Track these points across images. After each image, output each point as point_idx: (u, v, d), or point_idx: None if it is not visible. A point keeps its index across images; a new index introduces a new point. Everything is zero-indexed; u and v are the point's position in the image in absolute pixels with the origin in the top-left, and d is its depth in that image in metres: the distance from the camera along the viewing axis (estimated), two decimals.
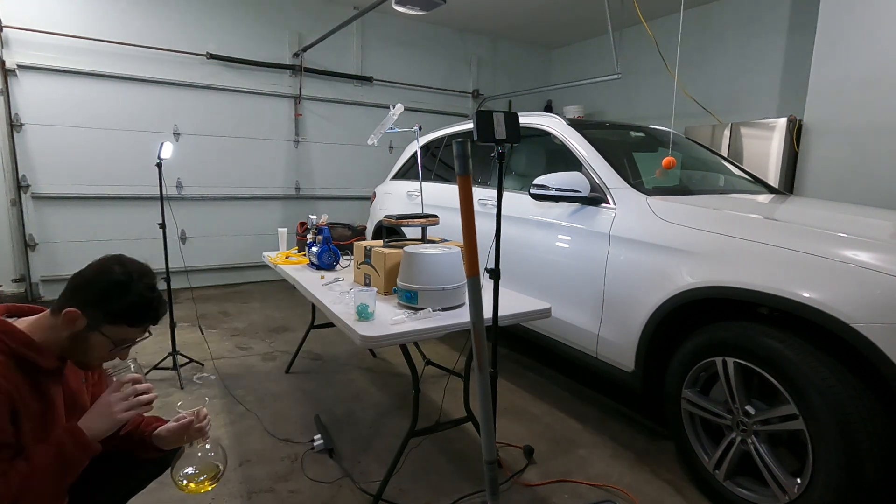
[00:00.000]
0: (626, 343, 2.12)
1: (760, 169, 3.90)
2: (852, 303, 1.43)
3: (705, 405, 1.84)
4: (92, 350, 1.14)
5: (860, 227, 1.73)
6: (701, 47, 5.18)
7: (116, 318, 1.13)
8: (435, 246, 1.84)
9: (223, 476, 1.33)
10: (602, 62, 6.22)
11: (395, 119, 1.90)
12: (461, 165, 1.26)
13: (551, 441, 2.29)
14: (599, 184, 2.34)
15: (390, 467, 1.87)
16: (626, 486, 1.96)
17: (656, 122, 3.83)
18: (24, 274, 4.33)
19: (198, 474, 1.30)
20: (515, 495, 1.90)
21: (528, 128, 2.86)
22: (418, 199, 3.71)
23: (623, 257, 2.13)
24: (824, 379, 1.47)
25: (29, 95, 4.18)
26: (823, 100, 3.62)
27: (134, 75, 4.54)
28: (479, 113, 1.66)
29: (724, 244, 1.79)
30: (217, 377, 2.90)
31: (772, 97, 4.68)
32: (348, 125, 5.72)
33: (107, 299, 1.12)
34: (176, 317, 3.04)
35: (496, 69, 6.75)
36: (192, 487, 1.29)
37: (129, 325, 1.15)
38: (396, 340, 1.59)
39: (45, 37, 4.18)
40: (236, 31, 4.98)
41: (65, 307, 1.09)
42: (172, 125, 4.80)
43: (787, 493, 1.58)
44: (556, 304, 2.43)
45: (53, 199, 4.38)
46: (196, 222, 4.99)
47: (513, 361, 3.23)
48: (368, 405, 2.60)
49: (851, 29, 3.44)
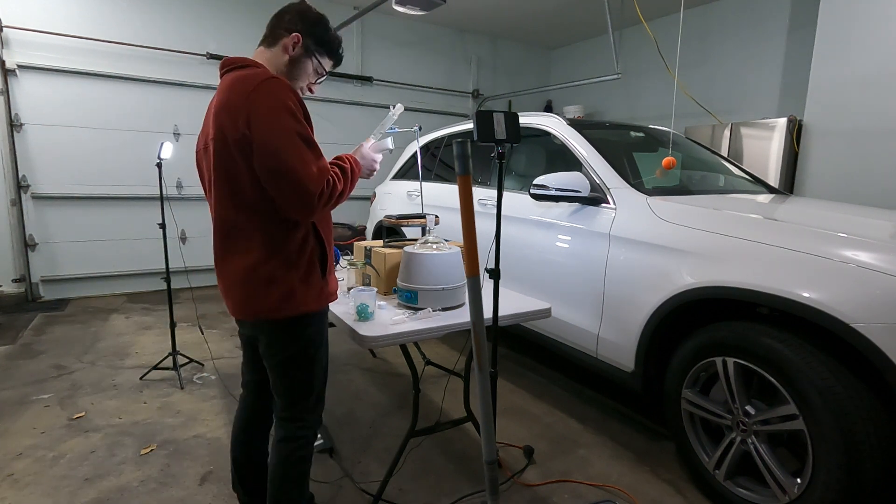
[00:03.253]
0: (626, 343, 2.12)
1: (760, 169, 3.90)
2: (852, 303, 1.43)
3: (705, 405, 1.84)
4: (303, 75, 1.41)
5: (860, 227, 1.73)
6: (701, 47, 5.18)
7: (323, 46, 1.41)
8: (435, 246, 1.83)
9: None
10: (602, 62, 6.22)
11: (395, 119, 1.90)
12: (461, 165, 1.26)
13: (551, 441, 2.29)
14: (599, 184, 2.34)
15: (390, 467, 1.87)
16: (626, 486, 1.96)
17: (656, 122, 3.84)
18: (24, 274, 4.33)
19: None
20: (515, 495, 1.90)
21: (528, 128, 2.86)
22: (418, 199, 3.71)
23: (623, 257, 2.13)
24: (824, 379, 1.47)
25: (29, 95, 4.18)
26: (823, 100, 3.62)
27: (134, 75, 4.54)
28: (479, 113, 1.66)
29: (724, 244, 1.79)
30: (217, 377, 2.90)
31: (772, 97, 4.68)
32: (348, 125, 5.71)
33: (322, 30, 1.40)
34: (176, 317, 3.05)
35: (496, 69, 6.75)
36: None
37: (329, 56, 1.44)
38: (396, 340, 1.59)
39: (45, 37, 4.18)
40: (236, 31, 4.97)
41: (282, 36, 1.36)
42: (172, 125, 4.80)
43: (787, 493, 1.58)
44: (557, 304, 2.42)
45: (53, 199, 4.38)
46: (196, 222, 4.99)
47: (513, 361, 3.23)
48: (368, 405, 2.60)
49: (851, 29, 3.44)
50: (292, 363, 1.38)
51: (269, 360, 1.40)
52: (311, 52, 1.39)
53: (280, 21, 1.38)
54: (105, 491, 1.88)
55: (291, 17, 1.38)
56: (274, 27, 1.39)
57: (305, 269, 1.33)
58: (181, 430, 2.31)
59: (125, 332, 3.65)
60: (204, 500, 1.84)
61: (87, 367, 3.02)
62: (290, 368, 1.39)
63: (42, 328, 3.71)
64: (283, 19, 1.38)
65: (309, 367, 1.40)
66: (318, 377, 1.44)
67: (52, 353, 3.23)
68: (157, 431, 2.30)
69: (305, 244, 1.32)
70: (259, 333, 1.39)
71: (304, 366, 1.40)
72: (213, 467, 2.03)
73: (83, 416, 2.43)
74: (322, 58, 1.43)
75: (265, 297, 1.30)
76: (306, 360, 1.40)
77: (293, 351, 1.37)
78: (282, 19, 1.38)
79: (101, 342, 3.44)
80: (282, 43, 1.37)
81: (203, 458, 2.09)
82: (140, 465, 2.04)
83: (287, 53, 1.37)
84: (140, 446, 2.18)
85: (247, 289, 1.31)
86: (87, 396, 2.63)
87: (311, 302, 1.35)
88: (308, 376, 1.41)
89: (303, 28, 1.37)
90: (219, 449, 2.16)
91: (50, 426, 2.33)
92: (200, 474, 1.99)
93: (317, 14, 1.41)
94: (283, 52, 1.37)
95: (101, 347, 3.34)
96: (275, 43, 1.38)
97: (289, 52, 1.37)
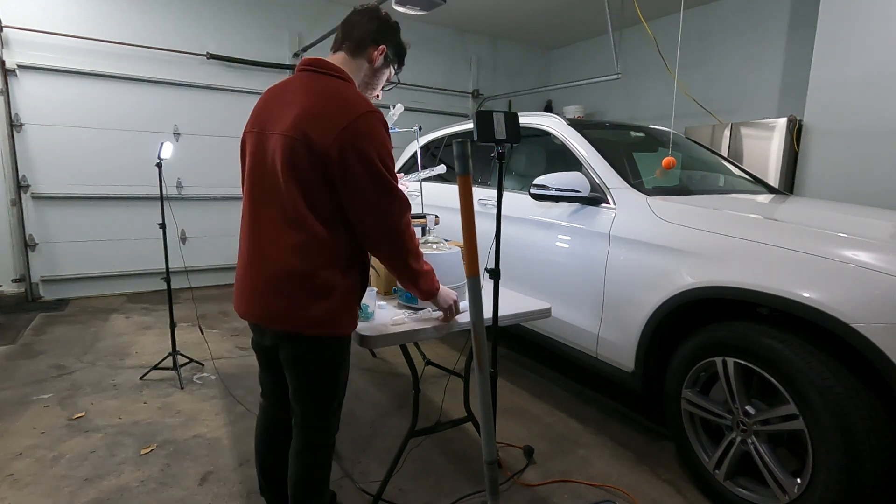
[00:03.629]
0: (626, 343, 2.12)
1: (760, 169, 3.90)
2: (852, 303, 1.43)
3: (705, 405, 1.84)
4: (381, 83, 1.47)
5: (860, 227, 1.73)
6: (701, 47, 5.18)
7: (400, 56, 1.47)
8: (435, 246, 1.83)
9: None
10: (602, 62, 6.21)
11: (395, 119, 1.90)
12: (461, 165, 1.26)
13: (551, 441, 2.29)
14: (599, 184, 2.34)
15: (390, 467, 1.87)
16: (626, 486, 1.96)
17: (656, 122, 3.83)
18: (24, 274, 4.33)
19: None
20: (515, 495, 1.90)
21: (528, 128, 2.86)
22: (418, 198, 3.70)
23: (623, 257, 2.13)
24: (824, 379, 1.47)
25: (29, 95, 4.18)
26: (823, 100, 3.62)
27: (134, 75, 4.54)
28: (479, 113, 1.66)
29: (724, 244, 1.79)
30: (217, 377, 2.90)
31: (772, 97, 4.68)
32: None
33: (399, 39, 1.45)
34: (176, 317, 3.04)
35: (496, 69, 6.75)
36: None
37: (399, 64, 1.50)
38: (396, 340, 1.59)
39: (45, 37, 4.18)
40: (236, 31, 4.97)
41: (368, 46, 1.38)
42: (172, 125, 4.80)
43: (787, 493, 1.58)
44: (557, 304, 2.42)
45: (53, 199, 4.38)
46: (196, 222, 4.99)
47: (513, 361, 3.23)
48: (368, 405, 2.60)
49: (851, 29, 3.44)
50: (320, 376, 1.37)
51: (296, 370, 1.37)
52: (390, 61, 1.45)
53: (363, 29, 1.37)
54: (105, 491, 1.88)
55: (378, 26, 1.39)
56: (357, 35, 1.37)
57: (350, 293, 1.34)
58: (181, 430, 2.31)
59: (125, 332, 3.65)
60: (204, 500, 1.84)
61: (87, 367, 3.02)
62: (319, 380, 1.38)
63: (42, 328, 3.71)
64: (367, 27, 1.37)
65: (334, 377, 1.40)
66: (341, 385, 1.43)
67: (52, 353, 3.23)
68: (157, 431, 2.30)
69: (353, 272, 1.33)
70: (288, 342, 1.34)
71: (331, 376, 1.39)
72: (213, 467, 2.03)
73: (83, 416, 2.43)
74: (396, 66, 1.48)
75: (310, 309, 1.27)
76: (334, 372, 1.39)
77: (321, 363, 1.36)
78: (366, 27, 1.37)
79: (101, 342, 3.44)
80: (367, 53, 1.38)
81: (203, 458, 2.09)
82: (140, 465, 2.04)
83: (373, 64, 1.40)
84: (140, 446, 2.18)
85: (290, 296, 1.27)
86: (87, 396, 2.63)
87: (350, 325, 1.36)
88: (332, 388, 1.40)
89: (387, 39, 1.41)
90: (219, 449, 2.16)
91: (50, 426, 2.33)
92: (200, 474, 1.99)
93: (395, 23, 1.45)
94: (367, 62, 1.39)
95: (101, 347, 3.34)
96: (360, 53, 1.38)
97: (373, 63, 1.40)
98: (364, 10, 1.41)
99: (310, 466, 1.42)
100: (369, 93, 1.46)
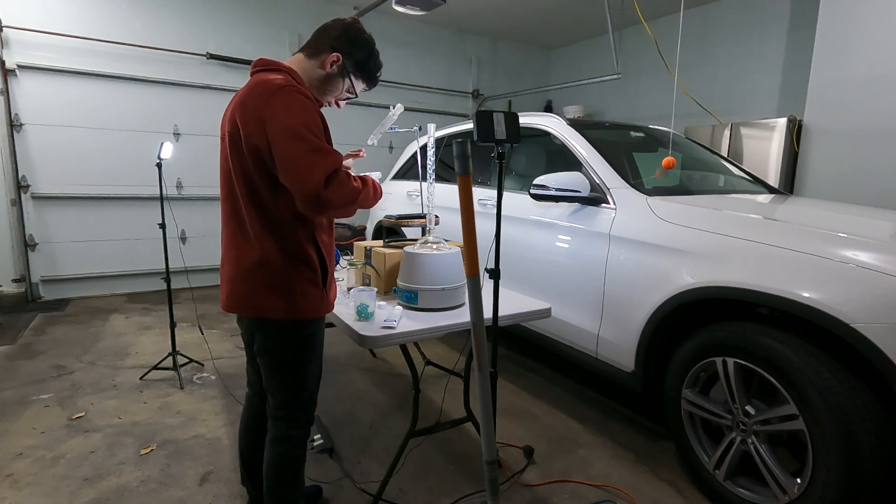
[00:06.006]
0: (626, 343, 2.12)
1: (760, 169, 3.90)
2: (852, 303, 1.43)
3: (705, 405, 1.84)
4: (333, 91, 1.44)
5: (860, 227, 1.73)
6: (701, 47, 5.18)
7: (361, 71, 1.44)
8: (435, 246, 1.83)
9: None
10: (602, 62, 6.22)
11: (395, 119, 1.90)
12: (461, 165, 1.26)
13: (551, 441, 2.29)
14: (599, 184, 2.34)
15: (390, 467, 1.87)
16: (626, 486, 1.96)
17: (656, 122, 3.84)
18: (24, 274, 4.33)
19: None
20: (515, 495, 1.90)
21: (528, 128, 2.86)
22: (418, 199, 3.71)
23: (623, 257, 2.13)
24: (824, 379, 1.47)
25: (29, 95, 4.18)
26: (823, 100, 3.62)
27: (134, 75, 4.54)
28: (479, 113, 1.66)
29: (724, 244, 1.79)
30: (217, 377, 2.90)
31: (772, 97, 4.68)
32: (348, 125, 5.71)
33: (364, 55, 1.43)
34: (176, 317, 3.05)
35: (496, 69, 6.75)
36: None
37: (365, 80, 1.48)
38: (396, 340, 1.59)
39: (45, 37, 4.18)
40: (236, 31, 4.98)
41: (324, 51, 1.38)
42: (172, 125, 4.80)
43: (787, 494, 1.58)
44: (557, 304, 2.43)
45: (53, 199, 4.38)
46: (196, 222, 4.99)
47: (513, 361, 3.23)
48: (368, 405, 2.60)
49: (851, 29, 3.44)
50: (285, 364, 1.40)
51: (263, 359, 1.42)
52: (347, 73, 1.42)
53: (326, 35, 1.40)
54: (105, 491, 1.88)
55: (339, 35, 1.40)
56: (319, 39, 1.41)
57: (309, 278, 1.36)
58: (181, 430, 2.31)
59: (125, 332, 3.65)
60: (204, 500, 1.84)
61: (87, 367, 3.02)
62: (283, 369, 1.41)
63: (42, 328, 3.71)
64: (329, 34, 1.40)
65: (302, 369, 1.42)
66: (310, 378, 1.45)
67: (52, 353, 3.23)
68: (157, 431, 2.30)
69: (309, 255, 1.35)
70: (255, 331, 1.40)
71: (297, 367, 1.41)
72: (213, 467, 2.03)
73: (83, 416, 2.43)
74: (357, 80, 1.46)
75: (268, 296, 1.32)
76: (300, 361, 1.41)
77: (287, 352, 1.39)
78: (328, 34, 1.40)
79: (101, 342, 3.44)
80: (322, 58, 1.39)
81: (203, 459, 2.09)
82: (140, 466, 2.04)
83: (324, 69, 1.40)
84: (140, 446, 2.18)
85: (250, 284, 1.33)
86: (87, 396, 2.63)
87: (309, 310, 1.37)
88: (301, 377, 1.43)
89: (346, 50, 1.40)
90: (219, 449, 2.16)
91: (50, 426, 2.33)
92: (200, 474, 1.99)
93: (364, 38, 1.43)
94: (320, 67, 1.40)
95: (101, 347, 3.34)
96: (316, 55, 1.40)
97: (326, 69, 1.40)
98: (341, 19, 1.43)
99: (281, 455, 1.45)
100: (322, 97, 1.45)
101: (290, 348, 1.39)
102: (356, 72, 1.44)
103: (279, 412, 1.45)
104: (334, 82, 1.42)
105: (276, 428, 1.46)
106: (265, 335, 1.38)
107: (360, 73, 1.45)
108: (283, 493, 1.46)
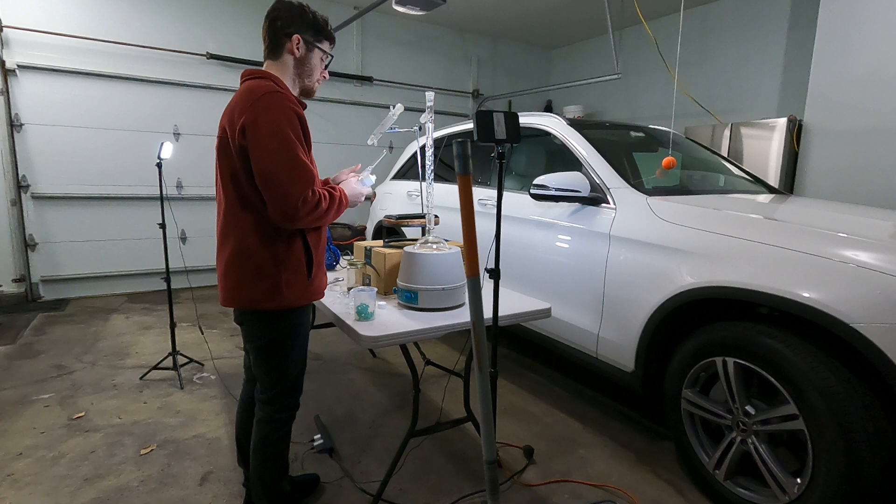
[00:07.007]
0: (626, 343, 2.12)
1: (760, 169, 3.90)
2: (852, 303, 1.43)
3: (705, 405, 1.84)
4: (315, 68, 1.50)
5: (860, 227, 1.73)
6: (701, 47, 5.18)
7: (319, 33, 1.48)
8: (435, 246, 1.83)
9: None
10: (602, 62, 6.22)
11: (395, 119, 1.90)
12: (461, 165, 1.26)
13: (551, 441, 2.29)
14: (599, 184, 2.34)
15: (390, 467, 1.87)
16: (626, 486, 1.96)
17: (656, 122, 3.84)
18: (24, 274, 4.33)
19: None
20: (515, 495, 1.90)
21: (528, 128, 2.85)
22: (418, 199, 3.71)
23: (623, 257, 2.13)
24: (824, 379, 1.47)
25: (29, 95, 4.18)
26: (823, 100, 3.62)
27: (134, 75, 4.54)
28: (479, 113, 1.66)
29: (724, 244, 1.79)
30: (217, 377, 2.90)
31: (772, 97, 4.68)
32: (348, 125, 5.72)
33: (310, 19, 1.46)
34: (176, 317, 3.05)
35: (496, 69, 6.75)
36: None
37: (326, 39, 1.51)
38: (396, 340, 1.59)
39: (45, 37, 4.18)
40: (236, 31, 4.97)
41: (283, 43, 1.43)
42: (172, 125, 4.80)
43: (787, 493, 1.58)
44: (557, 304, 2.43)
45: (53, 199, 4.38)
46: (196, 222, 4.99)
47: (513, 361, 3.23)
48: (368, 405, 2.60)
49: (851, 29, 3.44)
50: (270, 350, 1.48)
51: (249, 345, 1.53)
52: (312, 44, 1.48)
53: (275, 29, 1.45)
54: (105, 491, 1.88)
55: (283, 20, 1.44)
56: (273, 37, 1.45)
57: (293, 267, 1.43)
58: (181, 430, 2.31)
59: (125, 332, 3.65)
60: (204, 500, 1.84)
61: (87, 367, 3.02)
62: (267, 355, 1.49)
63: (42, 328, 3.71)
64: (276, 26, 1.45)
65: (286, 355, 1.49)
66: (293, 365, 1.52)
67: (52, 353, 3.23)
68: (157, 431, 2.30)
69: (294, 245, 1.43)
70: (244, 320, 1.50)
71: (282, 353, 1.49)
72: (213, 467, 2.03)
73: (83, 416, 2.43)
74: (321, 44, 1.51)
75: (252, 287, 1.40)
76: (284, 348, 1.49)
77: (271, 339, 1.47)
78: (275, 26, 1.45)
79: (101, 342, 3.44)
80: (286, 49, 1.45)
81: (203, 458, 2.09)
82: (140, 465, 2.04)
83: (293, 56, 1.46)
84: (140, 446, 2.18)
85: (238, 276, 1.41)
86: (87, 396, 2.64)
87: (294, 299, 1.44)
88: (285, 363, 1.50)
89: (297, 26, 1.44)
90: (219, 449, 2.16)
91: (50, 426, 2.33)
92: (200, 474, 1.99)
93: (298, 6, 1.47)
94: (289, 56, 1.46)
95: (101, 347, 3.34)
96: (279, 52, 1.46)
97: (295, 54, 1.46)
98: (269, 12, 1.47)
99: (266, 437, 1.53)
100: (309, 80, 1.51)
101: (274, 336, 1.47)
102: (318, 36, 1.49)
103: (264, 396, 1.53)
104: (310, 60, 1.49)
105: (262, 411, 1.54)
106: (250, 324, 1.48)
107: (321, 35, 1.50)
108: (267, 470, 1.54)
